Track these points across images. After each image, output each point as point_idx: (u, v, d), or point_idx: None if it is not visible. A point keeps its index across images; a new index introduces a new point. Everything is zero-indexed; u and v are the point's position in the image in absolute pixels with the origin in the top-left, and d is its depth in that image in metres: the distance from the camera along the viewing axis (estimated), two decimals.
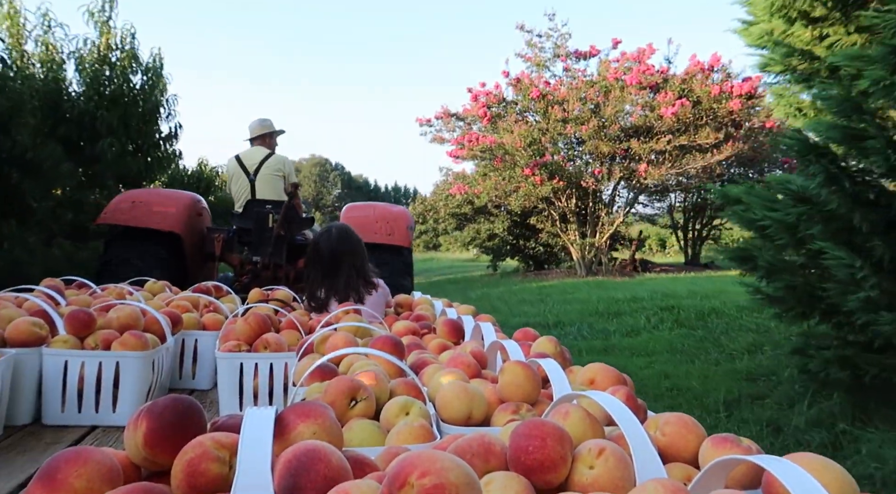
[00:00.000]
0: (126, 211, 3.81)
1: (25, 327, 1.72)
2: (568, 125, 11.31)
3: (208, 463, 0.67)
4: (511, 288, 9.92)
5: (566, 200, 12.19)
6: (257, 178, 4.18)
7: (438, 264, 24.59)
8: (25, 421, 1.73)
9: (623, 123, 11.33)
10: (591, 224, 12.52)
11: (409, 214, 4.32)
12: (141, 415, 0.73)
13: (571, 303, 7.41)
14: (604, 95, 11.21)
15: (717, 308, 6.16)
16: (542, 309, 7.12)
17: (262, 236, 3.98)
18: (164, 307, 2.17)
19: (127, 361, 1.74)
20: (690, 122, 10.89)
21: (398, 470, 0.59)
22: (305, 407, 0.79)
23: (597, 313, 6.50)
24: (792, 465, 0.59)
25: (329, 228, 2.40)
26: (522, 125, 11.70)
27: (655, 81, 11.08)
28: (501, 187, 12.14)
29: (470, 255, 30.34)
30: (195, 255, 4.13)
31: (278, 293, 2.54)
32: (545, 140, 11.56)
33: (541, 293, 8.66)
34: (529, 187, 11.57)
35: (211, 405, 2.02)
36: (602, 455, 0.73)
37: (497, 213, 14.64)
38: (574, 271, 12.74)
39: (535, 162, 11.45)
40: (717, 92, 10.63)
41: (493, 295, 8.97)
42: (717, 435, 0.83)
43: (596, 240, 12.26)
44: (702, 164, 11.07)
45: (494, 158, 12.16)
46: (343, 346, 1.40)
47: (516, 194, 12.07)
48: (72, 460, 0.67)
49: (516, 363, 1.11)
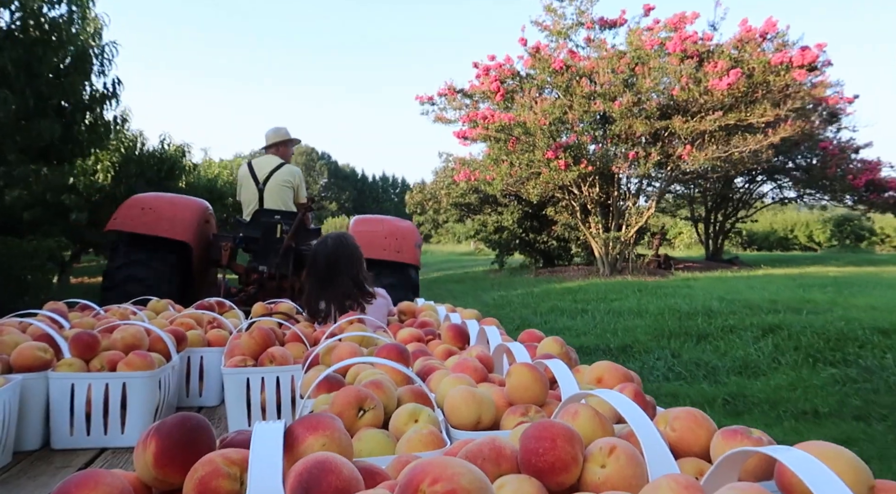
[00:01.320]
0: (135, 218, 3.79)
1: (30, 352, 1.72)
2: (596, 101, 9.74)
3: (219, 480, 0.67)
4: (531, 290, 8.72)
5: (588, 188, 10.75)
6: (266, 187, 4.16)
7: (434, 258, 23.03)
8: (34, 447, 1.72)
9: (661, 99, 9.77)
10: (615, 216, 11.08)
11: (417, 231, 4.31)
12: (150, 435, 0.73)
13: (624, 315, 6.00)
14: (641, 65, 9.63)
15: (844, 331, 4.55)
16: (588, 324, 5.74)
17: (269, 246, 3.98)
18: (168, 326, 2.16)
19: (133, 381, 1.74)
20: (742, 97, 9.33)
21: (410, 478, 0.58)
22: (314, 420, 0.79)
23: (671, 332, 5.05)
24: (804, 454, 0.59)
25: (326, 237, 2.40)
26: (544, 101, 10.17)
27: (699, 51, 9.48)
28: (517, 172, 10.58)
29: (466, 247, 29.38)
30: (202, 262, 4.13)
31: (281, 306, 2.54)
32: (573, 117, 10.01)
33: (574, 299, 7.38)
34: (552, 173, 10.06)
35: (219, 421, 2.02)
36: (613, 453, 0.73)
37: (507, 203, 13.24)
38: (596, 270, 11.36)
39: (558, 144, 10.05)
40: (778, 61, 9.05)
41: (514, 300, 7.76)
42: (728, 428, 0.83)
43: (622, 233, 10.75)
44: (753, 146, 9.32)
45: (509, 140, 10.59)
46: (348, 356, 1.40)
47: (534, 181, 10.53)
48: (82, 484, 0.67)
49: (523, 365, 1.11)
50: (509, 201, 13.20)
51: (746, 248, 22.08)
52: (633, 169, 10.28)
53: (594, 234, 11.02)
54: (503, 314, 6.47)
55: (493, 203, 13.64)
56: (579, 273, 11.31)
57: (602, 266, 11.03)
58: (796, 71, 9.07)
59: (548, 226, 13.24)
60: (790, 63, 9.10)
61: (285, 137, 4.34)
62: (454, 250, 28.98)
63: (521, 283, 10.31)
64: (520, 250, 14.17)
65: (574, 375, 1.08)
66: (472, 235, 15.27)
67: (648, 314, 5.94)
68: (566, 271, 12.21)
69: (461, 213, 14.98)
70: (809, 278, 8.77)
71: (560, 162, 9.92)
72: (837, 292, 6.86)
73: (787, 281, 8.48)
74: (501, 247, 14.03)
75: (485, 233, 14.05)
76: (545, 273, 12.10)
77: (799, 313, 5.40)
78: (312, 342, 1.93)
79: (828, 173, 12.22)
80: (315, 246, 2.38)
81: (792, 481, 0.67)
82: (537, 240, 13.66)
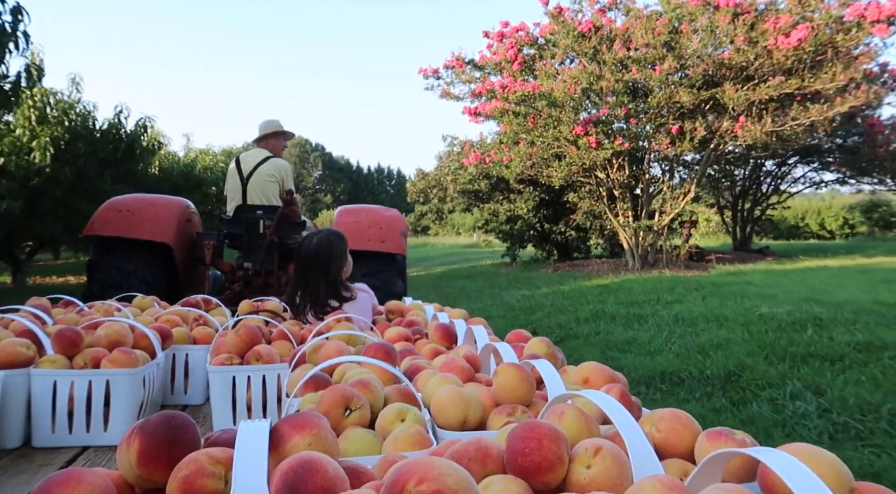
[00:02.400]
0: (113, 221, 3.73)
1: (12, 348, 1.70)
2: (632, 68, 8.37)
3: (204, 479, 0.67)
4: (558, 289, 7.59)
5: (617, 170, 9.44)
6: (250, 181, 4.07)
7: (434, 251, 21.50)
8: (15, 444, 1.70)
9: (709, 65, 8.32)
10: (645, 202, 9.85)
11: (402, 218, 4.28)
12: (133, 433, 0.72)
13: (698, 324, 4.70)
14: (687, 23, 8.28)
15: None
16: (655, 337, 4.44)
17: (252, 243, 3.93)
18: (154, 323, 2.15)
19: (117, 378, 1.72)
20: (806, 60, 7.93)
21: (395, 478, 0.58)
22: (300, 419, 0.78)
23: (783, 352, 3.70)
24: (786, 456, 0.59)
25: (313, 235, 2.39)
26: (571, 68, 8.92)
27: (753, 6, 8.04)
28: (538, 153, 9.34)
29: (466, 239, 27.99)
30: (186, 262, 4.08)
31: (268, 304, 2.52)
32: (606, 86, 8.56)
33: (618, 301, 6.17)
34: (580, 152, 8.78)
35: (204, 419, 2.00)
36: (599, 453, 0.74)
37: (521, 189, 11.88)
38: (623, 263, 10.18)
39: (588, 119, 8.83)
40: (853, 16, 7.55)
41: (543, 302, 6.53)
42: (712, 429, 0.84)
43: (655, 222, 9.47)
44: (817, 117, 7.98)
45: (529, 116, 9.24)
46: (335, 355, 1.39)
47: (558, 163, 9.28)
48: (64, 482, 0.66)
49: (510, 365, 1.11)
50: (524, 187, 11.84)
51: (758, 237, 20.44)
52: (676, 146, 8.82)
53: (623, 223, 9.75)
54: (537, 322, 5.51)
55: (504, 190, 12.29)
56: (605, 267, 10.19)
57: (631, 259, 9.83)
58: (875, 26, 7.47)
59: (565, 214, 12.04)
60: (863, 18, 7.53)
61: (276, 130, 4.24)
62: (456, 242, 27.57)
63: (541, 279, 9.17)
64: (537, 241, 12.90)
65: (561, 375, 1.09)
66: (479, 225, 13.81)
67: (731, 322, 4.67)
68: (588, 264, 11.05)
69: (469, 201, 13.43)
70: (882, 272, 7.82)
71: (590, 139, 8.61)
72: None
73: (861, 276, 7.36)
74: (514, 238, 12.73)
75: (495, 223, 12.70)
76: (564, 267, 10.94)
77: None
78: (299, 341, 1.92)
79: (878, 154, 10.78)
80: (301, 241, 2.38)
81: (774, 482, 0.68)
82: (553, 230, 12.38)
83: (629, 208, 9.88)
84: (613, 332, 4.80)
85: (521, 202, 11.99)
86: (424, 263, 16.22)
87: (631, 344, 4.34)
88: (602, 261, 11.43)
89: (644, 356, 3.98)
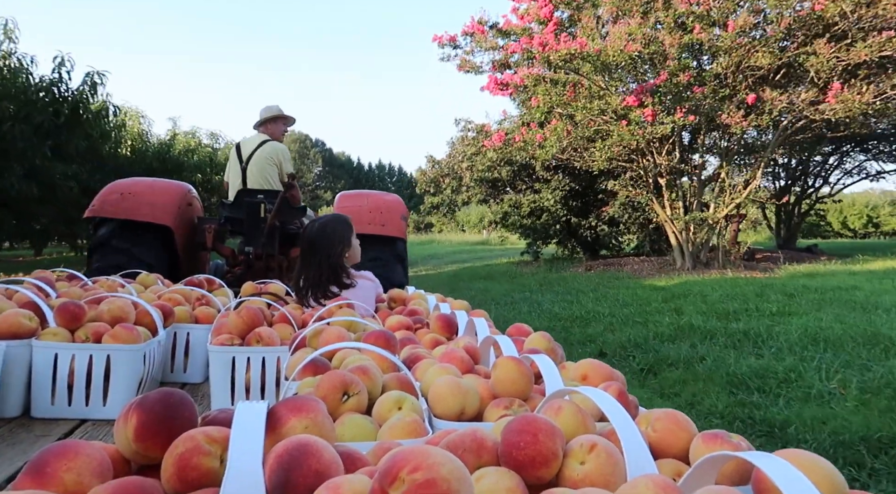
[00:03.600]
0: (115, 203, 3.74)
1: (15, 319, 1.71)
2: (694, 26, 7.11)
3: (199, 458, 0.67)
4: (607, 294, 6.53)
5: (666, 153, 8.22)
6: (249, 165, 4.09)
7: (442, 249, 20.06)
8: (14, 414, 1.72)
9: (791, 20, 6.92)
10: (696, 191, 8.60)
11: (402, 202, 4.27)
12: (132, 409, 0.73)
13: (864, 352, 3.50)
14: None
15: None
16: (800, 367, 3.25)
17: (253, 227, 3.94)
18: (156, 300, 2.16)
19: (118, 354, 1.73)
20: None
21: (390, 465, 0.58)
22: (297, 402, 0.79)
23: None
24: (781, 461, 0.59)
25: (317, 219, 2.39)
26: (627, 23, 7.34)
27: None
28: (578, 131, 8.00)
29: (473, 236, 25.17)
30: (187, 246, 4.09)
31: (271, 287, 2.53)
32: (670, 41, 7.10)
33: (705, 310, 5.08)
34: (632, 128, 7.38)
35: (202, 398, 2.02)
36: (593, 450, 0.74)
37: (548, 177, 10.52)
38: (670, 261, 8.95)
39: (643, 87, 7.43)
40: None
41: (600, 312, 5.44)
42: (708, 432, 0.83)
43: (710, 214, 8.25)
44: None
45: (568, 86, 7.86)
46: (336, 340, 1.40)
47: (602, 143, 7.87)
48: (61, 453, 0.67)
49: (509, 358, 1.11)
50: (551, 174, 10.46)
51: None
52: (750, 120, 7.42)
53: (674, 215, 8.42)
54: (600, 337, 4.46)
55: (528, 178, 10.89)
56: (648, 267, 8.99)
57: (680, 257, 8.66)
58: None
59: (597, 207, 10.65)
60: None
61: (275, 114, 4.23)
62: (464, 239, 25.62)
63: (577, 281, 7.94)
64: (565, 238, 11.44)
65: (559, 371, 1.09)
66: (497, 219, 11.85)
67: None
68: (625, 263, 9.76)
69: (486, 191, 11.87)
70: None
71: (645, 111, 7.21)
72: None
73: None
74: (537, 234, 11.20)
75: (516, 216, 11.05)
76: (598, 266, 9.64)
77: None
78: (300, 325, 1.93)
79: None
80: (307, 225, 2.39)
81: (768, 487, 0.68)
82: (580, 225, 10.93)
83: (677, 198, 8.55)
84: (725, 358, 3.57)
85: (547, 192, 10.52)
86: (433, 260, 15.04)
87: (766, 379, 3.12)
88: (641, 260, 10.09)
89: (808, 404, 2.70)
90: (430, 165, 13.70)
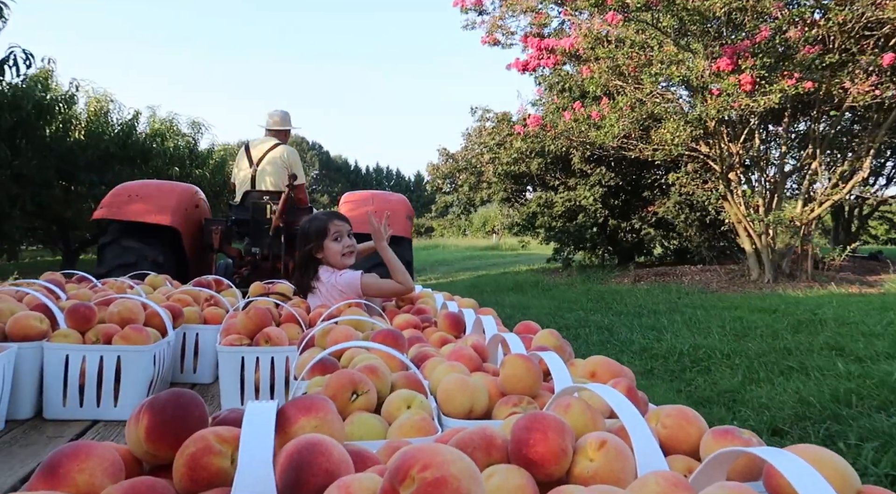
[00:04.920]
0: (123, 205, 3.81)
1: (26, 321, 1.72)
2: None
3: (210, 457, 0.67)
4: (697, 316, 5.30)
5: (743, 139, 6.97)
6: (259, 168, 4.14)
7: (450, 254, 18.15)
8: (27, 416, 1.73)
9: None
10: (778, 184, 7.17)
11: (408, 202, 4.28)
12: (142, 409, 0.73)
13: None
14: None
15: None
16: None
17: (259, 228, 3.98)
18: (165, 301, 2.17)
19: (128, 355, 1.74)
20: None
21: (399, 464, 0.59)
22: (307, 401, 0.79)
23: None
24: (793, 456, 0.59)
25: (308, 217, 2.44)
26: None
27: None
28: (643, 108, 6.50)
29: (483, 241, 23.28)
30: (194, 247, 4.12)
31: (279, 287, 2.54)
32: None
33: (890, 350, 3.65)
34: (721, 100, 5.85)
35: (212, 399, 2.03)
36: (603, 447, 0.73)
37: (588, 171, 8.90)
38: (743, 271, 7.50)
39: (740, 46, 5.80)
40: None
41: (721, 350, 3.94)
42: (718, 428, 0.83)
43: (799, 213, 6.94)
44: None
45: (637, 51, 6.35)
46: (344, 340, 1.40)
47: (675, 123, 6.34)
48: (73, 454, 0.67)
49: (517, 356, 1.11)
50: (592, 167, 8.82)
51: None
52: (882, 89, 5.92)
53: (751, 215, 6.98)
54: (773, 408, 2.84)
55: (563, 172, 9.16)
56: (714, 278, 7.55)
57: (758, 267, 7.24)
58: None
59: (640, 206, 9.13)
60: None
61: (288, 126, 4.36)
62: (470, 243, 23.33)
63: (639, 297, 6.45)
64: (604, 244, 9.80)
65: (568, 368, 1.09)
66: (521, 221, 10.26)
67: None
68: (681, 273, 8.17)
69: (511, 189, 10.25)
70: None
71: (742, 77, 5.63)
72: None
73: None
74: (571, 237, 9.56)
75: (545, 217, 9.44)
76: (648, 277, 8.11)
77: None
78: (308, 324, 1.94)
79: None
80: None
81: (780, 483, 0.68)
82: (619, 227, 9.52)
83: (754, 193, 7.14)
84: None
85: (584, 189, 8.84)
86: (442, 267, 13.43)
87: None
88: (700, 269, 8.39)
89: None
90: (442, 159, 11.71)
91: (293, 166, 4.20)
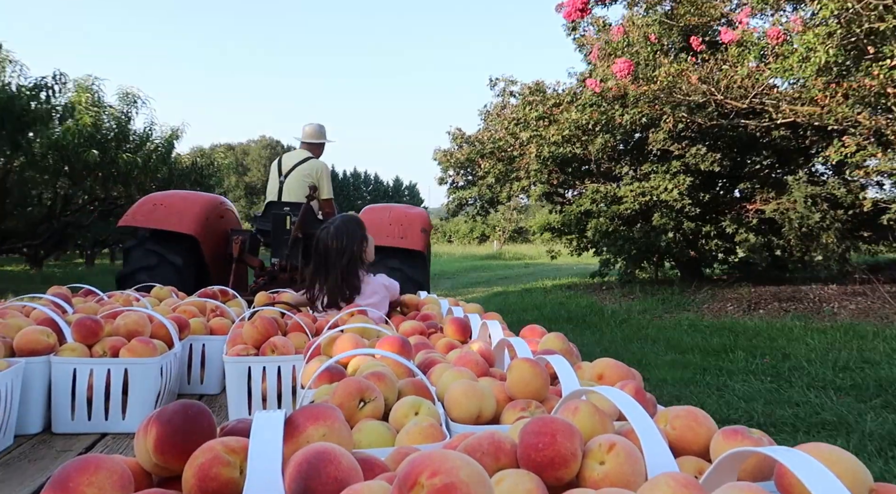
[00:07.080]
0: (147, 214, 3.91)
1: (33, 336, 1.73)
2: None
3: (219, 468, 0.67)
4: None
5: None
6: (287, 180, 4.21)
7: (449, 264, 16.04)
8: (36, 430, 1.73)
9: None
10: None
11: (426, 216, 4.28)
12: (151, 422, 0.73)
13: None
14: None
15: None
16: None
17: (279, 238, 4.04)
18: (171, 313, 2.17)
19: (135, 368, 1.75)
20: None
21: (408, 470, 0.58)
22: (314, 409, 0.79)
23: None
24: (804, 455, 0.59)
25: (331, 221, 2.38)
26: None
27: None
28: (857, 44, 4.17)
29: (476, 248, 20.57)
30: (216, 256, 4.17)
31: (284, 296, 2.54)
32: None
33: None
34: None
35: (220, 409, 2.03)
36: (613, 450, 0.73)
37: (678, 151, 6.49)
38: (871, 292, 5.46)
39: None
40: None
41: None
42: (728, 428, 0.83)
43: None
44: None
45: None
46: (350, 347, 1.40)
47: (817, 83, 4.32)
48: (83, 468, 0.68)
49: (524, 360, 1.11)
50: (683, 147, 6.46)
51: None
52: None
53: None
54: None
55: (637, 156, 6.85)
56: (880, 306, 5.30)
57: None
58: None
59: (732, 203, 6.90)
60: None
61: (322, 140, 4.41)
62: (470, 252, 19.98)
63: (797, 346, 4.35)
64: (676, 250, 7.08)
65: (575, 371, 1.08)
66: (564, 223, 7.92)
67: None
68: (815, 296, 5.93)
69: (556, 180, 7.73)
70: None
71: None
72: None
73: None
74: (636, 245, 6.95)
75: (601, 219, 7.02)
76: (766, 300, 5.91)
77: None
78: (314, 333, 1.94)
79: None
80: (319, 229, 2.39)
81: (791, 482, 0.67)
82: (701, 232, 6.97)
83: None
84: None
85: (661, 179, 6.51)
86: (445, 282, 11.26)
87: None
88: (840, 290, 6.07)
89: None
90: (457, 144, 9.03)
91: (319, 180, 4.24)
